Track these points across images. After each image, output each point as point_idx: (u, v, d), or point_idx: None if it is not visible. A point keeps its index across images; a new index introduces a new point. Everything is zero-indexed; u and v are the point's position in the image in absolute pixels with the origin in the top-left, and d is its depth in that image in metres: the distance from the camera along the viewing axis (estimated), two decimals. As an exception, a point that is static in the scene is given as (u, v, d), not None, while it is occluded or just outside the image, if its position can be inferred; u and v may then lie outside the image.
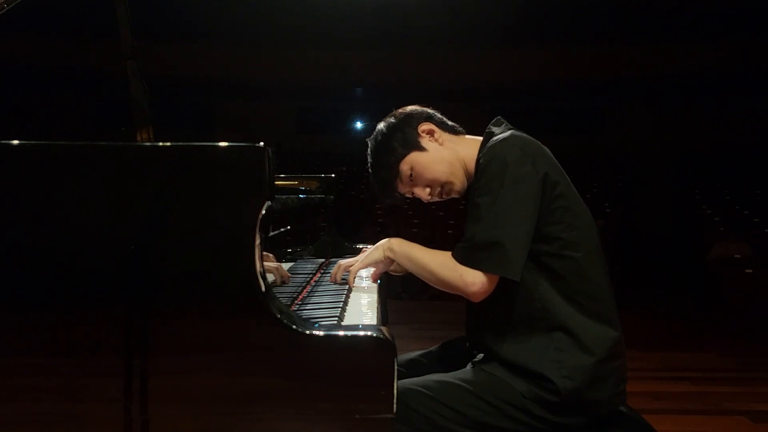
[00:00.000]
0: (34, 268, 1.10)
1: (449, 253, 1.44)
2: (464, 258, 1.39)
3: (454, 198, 1.63)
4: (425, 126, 1.59)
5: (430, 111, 1.64)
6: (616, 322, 1.45)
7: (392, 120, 1.62)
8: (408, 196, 1.64)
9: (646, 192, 12.31)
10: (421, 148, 1.57)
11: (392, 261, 1.57)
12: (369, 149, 1.63)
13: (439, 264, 1.44)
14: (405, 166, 1.57)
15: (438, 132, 1.59)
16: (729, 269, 7.00)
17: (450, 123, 1.65)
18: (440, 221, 9.47)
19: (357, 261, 1.64)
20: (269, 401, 1.09)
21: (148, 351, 1.09)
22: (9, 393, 1.10)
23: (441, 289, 1.46)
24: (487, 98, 11.17)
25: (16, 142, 1.11)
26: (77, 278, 1.10)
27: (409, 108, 1.64)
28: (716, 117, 12.39)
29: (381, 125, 1.63)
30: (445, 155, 1.57)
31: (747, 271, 6.87)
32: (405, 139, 1.57)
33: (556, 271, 1.41)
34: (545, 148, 1.48)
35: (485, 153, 1.44)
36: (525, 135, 1.48)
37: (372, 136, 1.63)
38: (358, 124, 14.42)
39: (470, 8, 10.22)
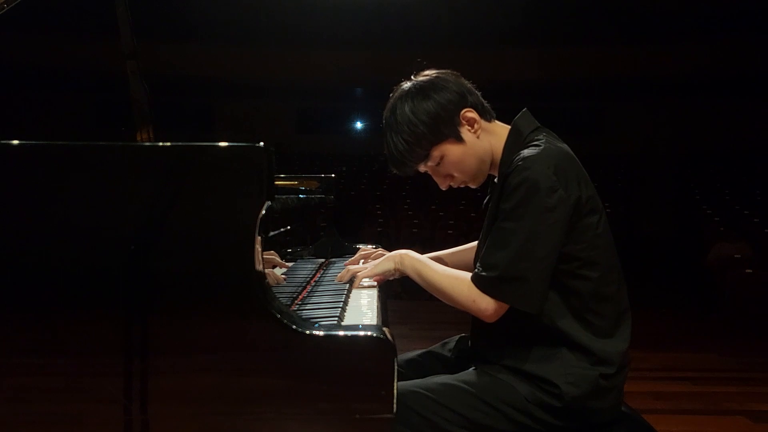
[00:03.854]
0: (34, 268, 1.10)
1: (463, 276, 1.41)
2: (487, 288, 1.35)
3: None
4: (469, 114, 1.47)
5: (471, 88, 1.52)
6: (626, 335, 1.44)
7: (442, 92, 1.46)
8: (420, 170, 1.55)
9: (646, 192, 12.31)
10: (460, 139, 1.47)
11: (401, 273, 1.56)
12: (398, 110, 1.47)
13: (451, 286, 1.42)
14: (436, 152, 1.47)
15: (478, 122, 1.49)
16: (729, 269, 6.99)
17: (485, 105, 1.53)
18: (440, 221, 9.46)
19: (366, 268, 1.63)
20: (269, 401, 1.09)
21: (148, 351, 1.09)
22: (9, 393, 1.10)
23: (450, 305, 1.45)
24: (487, 98, 11.14)
25: (16, 142, 1.11)
26: (77, 278, 1.10)
27: (454, 79, 1.51)
28: (716, 117, 12.39)
29: (428, 91, 1.46)
30: (478, 150, 1.49)
31: (747, 271, 6.86)
32: (448, 123, 1.45)
33: (569, 289, 1.39)
34: (575, 158, 1.42)
35: (514, 171, 1.35)
36: (557, 147, 1.41)
37: (407, 94, 1.47)
38: (358, 124, 14.40)
39: (470, 8, 10.21)
